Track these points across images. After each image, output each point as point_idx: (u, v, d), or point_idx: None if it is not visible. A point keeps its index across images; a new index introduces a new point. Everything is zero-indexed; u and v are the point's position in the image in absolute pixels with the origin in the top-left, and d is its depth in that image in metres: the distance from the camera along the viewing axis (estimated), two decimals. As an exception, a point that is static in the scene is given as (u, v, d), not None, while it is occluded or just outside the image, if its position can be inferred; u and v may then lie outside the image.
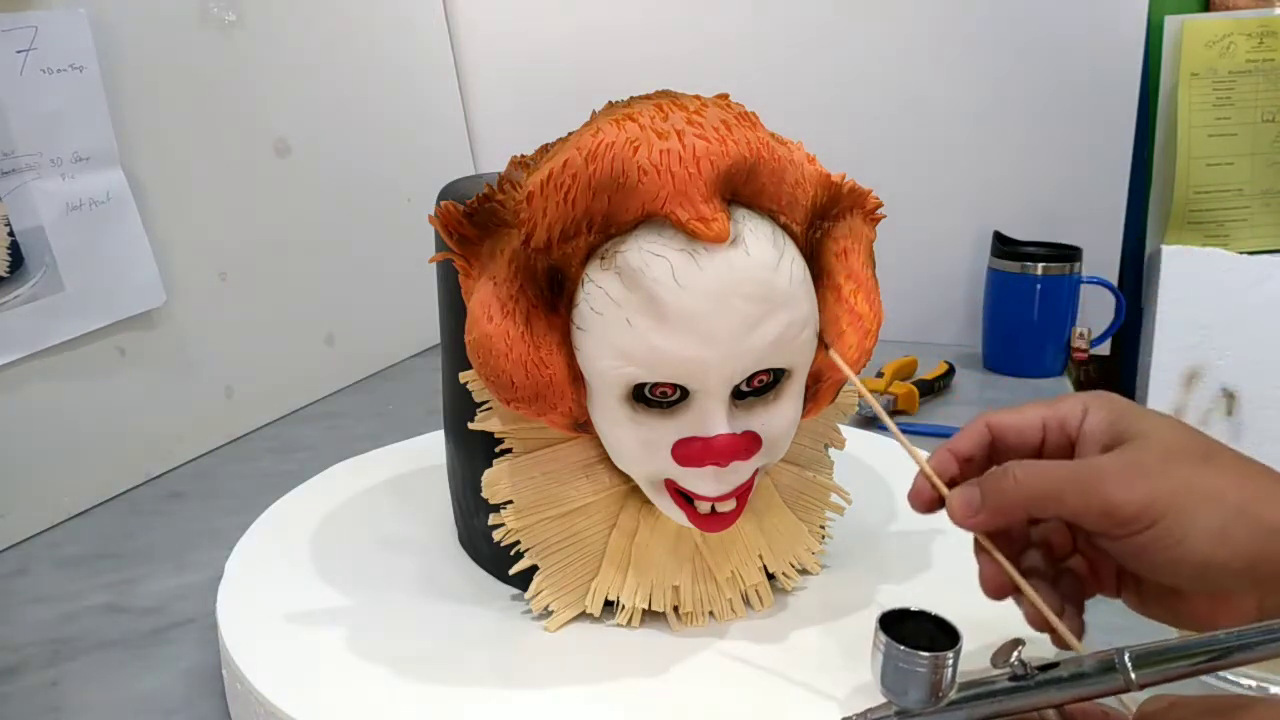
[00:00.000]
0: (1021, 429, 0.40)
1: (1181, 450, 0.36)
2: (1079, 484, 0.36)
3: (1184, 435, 0.37)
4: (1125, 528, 0.35)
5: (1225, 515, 0.34)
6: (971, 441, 0.41)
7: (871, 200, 0.47)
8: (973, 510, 0.39)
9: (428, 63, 1.10)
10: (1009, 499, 0.38)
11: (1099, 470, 0.36)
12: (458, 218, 0.44)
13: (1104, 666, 0.34)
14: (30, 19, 0.67)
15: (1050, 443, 0.40)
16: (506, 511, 0.48)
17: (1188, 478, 0.35)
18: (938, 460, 0.41)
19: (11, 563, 0.65)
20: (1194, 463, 0.36)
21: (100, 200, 0.72)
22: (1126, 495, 0.35)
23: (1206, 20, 0.99)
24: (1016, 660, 0.35)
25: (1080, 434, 0.39)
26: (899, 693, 0.36)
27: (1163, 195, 1.03)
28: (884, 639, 0.36)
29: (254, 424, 0.86)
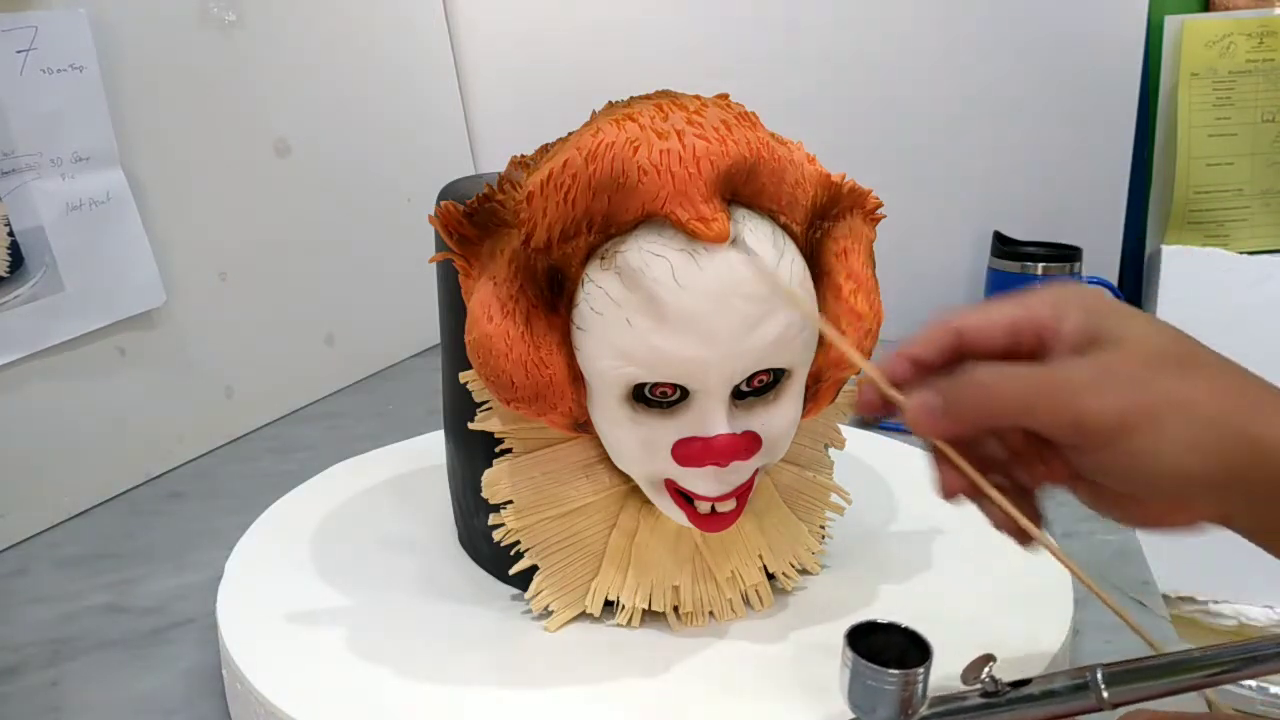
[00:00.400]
0: (990, 331, 0.37)
1: (1160, 356, 0.34)
2: (1049, 392, 0.34)
3: (1164, 339, 0.35)
4: (1096, 440, 0.33)
5: (1198, 427, 0.33)
6: (930, 345, 0.37)
7: (871, 200, 0.47)
8: (934, 417, 0.36)
9: (428, 63, 1.10)
10: (973, 406, 0.35)
11: (1071, 378, 0.34)
12: (458, 218, 0.44)
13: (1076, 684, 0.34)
14: (30, 19, 0.67)
15: (1022, 346, 0.36)
16: (506, 511, 0.48)
17: (1163, 387, 0.33)
18: (890, 364, 0.38)
19: (11, 563, 0.65)
20: (1171, 370, 0.34)
21: (100, 200, 0.72)
22: (1099, 406, 0.33)
23: (1206, 20, 0.99)
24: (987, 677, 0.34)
25: (1054, 336, 0.36)
26: (867, 710, 0.35)
27: (1163, 195, 1.03)
28: (851, 655, 0.35)
29: (254, 424, 0.86)
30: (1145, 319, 0.36)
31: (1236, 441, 0.32)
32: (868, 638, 0.36)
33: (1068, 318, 0.35)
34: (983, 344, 0.37)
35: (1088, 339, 0.35)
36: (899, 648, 0.35)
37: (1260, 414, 0.33)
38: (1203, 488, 0.33)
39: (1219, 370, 0.34)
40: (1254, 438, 0.32)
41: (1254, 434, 0.32)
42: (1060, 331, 0.35)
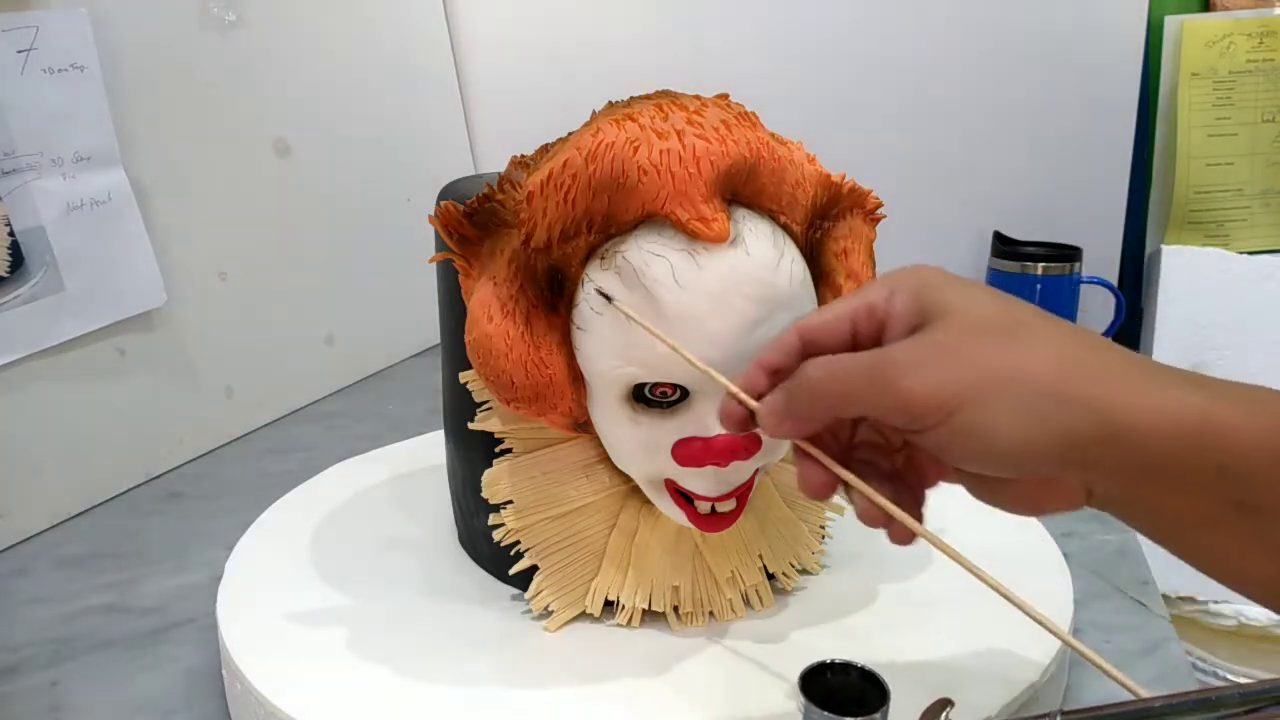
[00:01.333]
0: (830, 326, 0.36)
1: (984, 328, 0.33)
2: (870, 377, 0.33)
3: (990, 309, 0.33)
4: (922, 421, 0.32)
5: (1029, 398, 0.31)
6: (780, 351, 0.37)
7: (871, 200, 0.47)
8: (779, 418, 0.35)
9: (428, 63, 1.10)
10: (808, 402, 0.35)
11: (891, 360, 0.33)
12: (458, 218, 0.44)
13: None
14: (31, 19, 0.67)
15: (862, 335, 0.36)
16: (506, 511, 0.48)
17: (988, 359, 0.32)
18: (745, 378, 0.37)
19: (11, 563, 0.65)
20: (997, 341, 0.32)
21: (101, 200, 0.72)
22: (918, 386, 0.32)
23: (1206, 20, 0.99)
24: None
25: (887, 319, 0.35)
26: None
27: (1163, 195, 1.03)
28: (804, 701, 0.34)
29: (254, 424, 0.86)
30: (976, 290, 0.34)
31: (1078, 412, 0.31)
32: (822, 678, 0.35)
33: (897, 298, 0.35)
34: (826, 341, 0.36)
35: (918, 318, 0.34)
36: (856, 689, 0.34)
37: (1105, 382, 0.31)
38: (1052, 462, 0.31)
39: (1056, 338, 0.33)
40: (1099, 407, 0.31)
41: (1099, 403, 0.31)
42: (891, 313, 0.35)
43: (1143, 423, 0.30)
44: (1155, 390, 0.31)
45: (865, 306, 0.36)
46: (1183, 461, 0.30)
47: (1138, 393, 0.31)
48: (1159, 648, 0.53)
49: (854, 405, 0.34)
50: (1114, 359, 0.32)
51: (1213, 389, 0.31)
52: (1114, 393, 0.31)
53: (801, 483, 0.37)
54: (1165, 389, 0.31)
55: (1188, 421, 0.30)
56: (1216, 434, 0.30)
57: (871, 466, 0.37)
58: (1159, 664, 0.52)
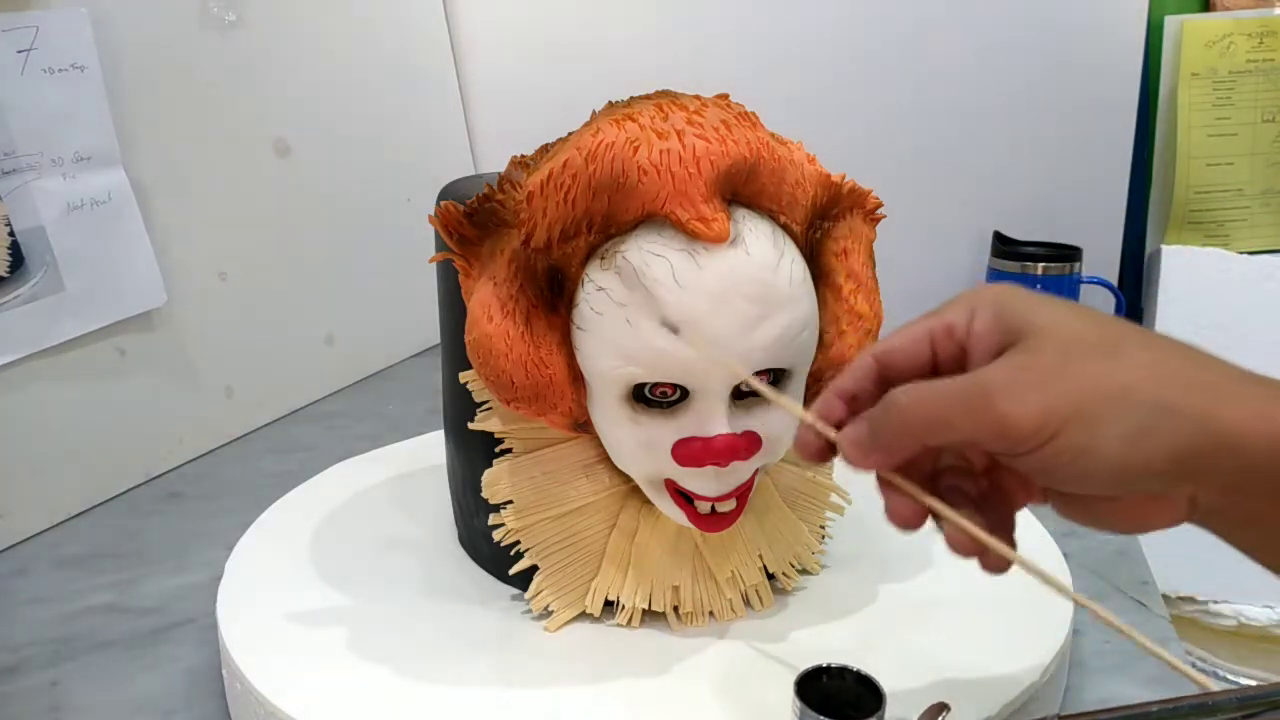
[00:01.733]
0: (908, 350, 0.35)
1: (1081, 345, 0.32)
2: (965, 403, 0.32)
3: (1084, 325, 0.33)
4: (1024, 445, 0.31)
5: (1138, 415, 0.30)
6: (856, 377, 0.36)
7: (871, 200, 0.47)
8: (864, 450, 0.34)
9: (428, 63, 1.10)
10: (897, 432, 0.33)
11: (985, 384, 0.32)
12: (458, 218, 0.44)
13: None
14: (31, 19, 0.67)
15: (943, 357, 0.35)
16: (506, 511, 0.48)
17: (1090, 377, 0.31)
18: (821, 405, 0.36)
19: (11, 563, 0.65)
20: (1097, 358, 0.31)
21: (101, 200, 0.72)
22: (1019, 409, 0.31)
23: (1206, 20, 0.99)
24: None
25: (969, 340, 0.34)
26: None
27: (1163, 195, 1.03)
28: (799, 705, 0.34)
29: (254, 424, 0.86)
30: (1061, 306, 0.33)
31: (1191, 426, 0.30)
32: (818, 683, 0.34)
33: (978, 318, 0.34)
34: (905, 365, 0.35)
35: (1004, 337, 0.33)
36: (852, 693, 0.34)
37: (1211, 394, 0.31)
38: (1162, 479, 0.31)
39: (1157, 351, 0.32)
40: (1210, 420, 0.30)
41: (1210, 416, 0.30)
42: (975, 335, 0.34)
43: (1252, 434, 0.30)
44: (1261, 401, 0.31)
45: (944, 327, 0.35)
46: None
47: (1244, 403, 0.31)
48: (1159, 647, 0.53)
49: (949, 432, 0.33)
50: (1217, 371, 0.32)
51: None
52: (1220, 404, 0.31)
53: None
54: (1272, 400, 0.31)
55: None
56: None
57: (957, 492, 0.36)
58: (1159, 664, 0.52)
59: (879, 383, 0.36)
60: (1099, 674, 0.51)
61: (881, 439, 0.34)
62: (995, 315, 0.33)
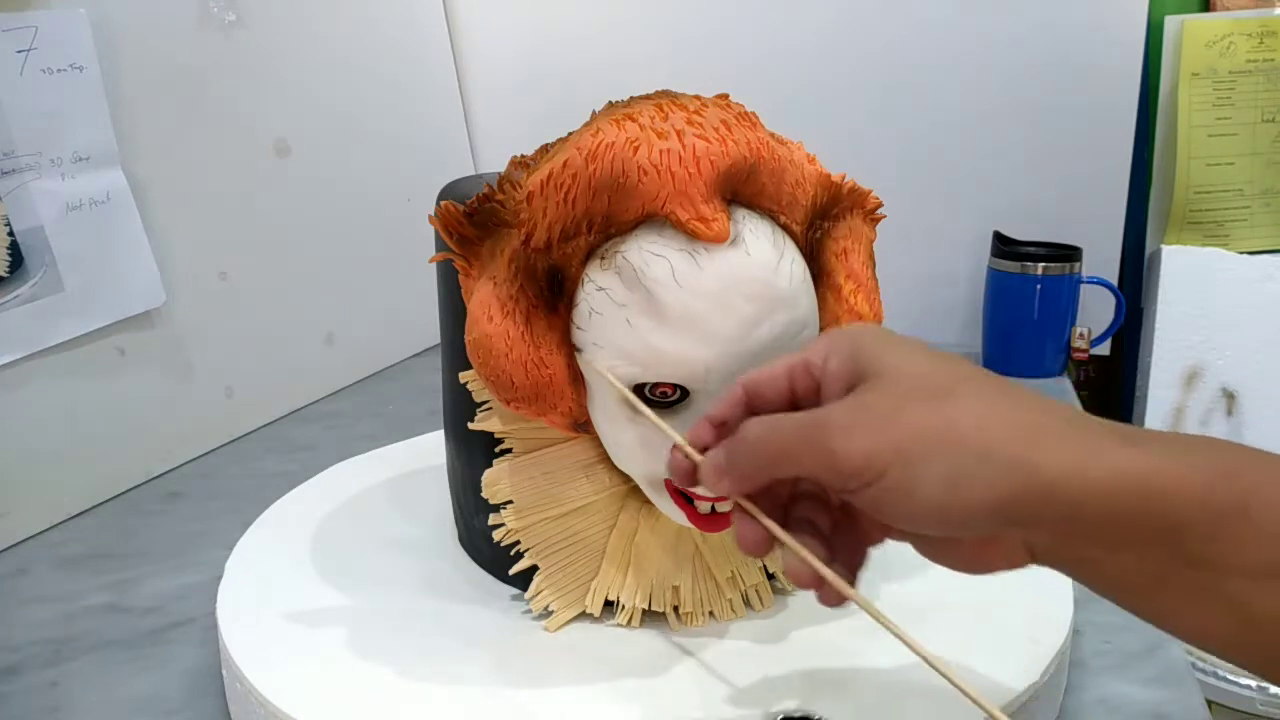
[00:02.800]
0: (770, 383, 0.36)
1: (918, 388, 0.33)
2: (805, 439, 0.33)
3: (925, 368, 0.33)
4: (852, 482, 0.32)
5: (957, 459, 0.31)
6: (726, 405, 0.37)
7: (871, 200, 0.47)
8: (719, 475, 0.36)
9: (428, 62, 1.10)
10: (748, 461, 0.35)
11: (824, 422, 0.33)
12: (458, 218, 0.44)
13: None
14: (30, 19, 0.67)
15: (800, 391, 0.36)
16: (506, 511, 0.48)
17: (917, 419, 0.32)
18: (694, 430, 0.38)
19: (11, 563, 0.65)
20: (927, 400, 0.32)
21: (100, 200, 0.72)
22: (848, 447, 0.32)
23: (1206, 20, 0.99)
24: None
25: (824, 378, 0.35)
26: None
27: (1163, 195, 1.03)
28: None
29: (254, 424, 0.86)
30: (912, 348, 0.34)
31: (1013, 473, 0.30)
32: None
33: (833, 357, 0.35)
34: (769, 397, 0.36)
35: (853, 378, 0.34)
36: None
37: (1035, 440, 0.31)
38: (983, 522, 0.31)
39: (987, 397, 0.32)
40: (1031, 467, 0.30)
41: (1031, 462, 0.30)
42: (828, 372, 0.35)
43: (1076, 481, 0.30)
44: (1090, 447, 0.31)
45: (803, 363, 0.36)
46: (1125, 519, 0.30)
47: (1072, 451, 0.31)
48: (1159, 648, 0.53)
49: (789, 465, 0.34)
50: (1046, 417, 0.32)
51: (1152, 444, 0.31)
52: (1045, 451, 0.31)
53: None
54: (1101, 447, 0.31)
55: (1128, 479, 0.30)
56: (1158, 490, 0.29)
57: (808, 523, 0.37)
58: (1159, 664, 0.52)
59: (747, 412, 0.37)
60: (1099, 674, 0.51)
61: (735, 467, 0.35)
62: (849, 355, 0.35)
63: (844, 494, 0.33)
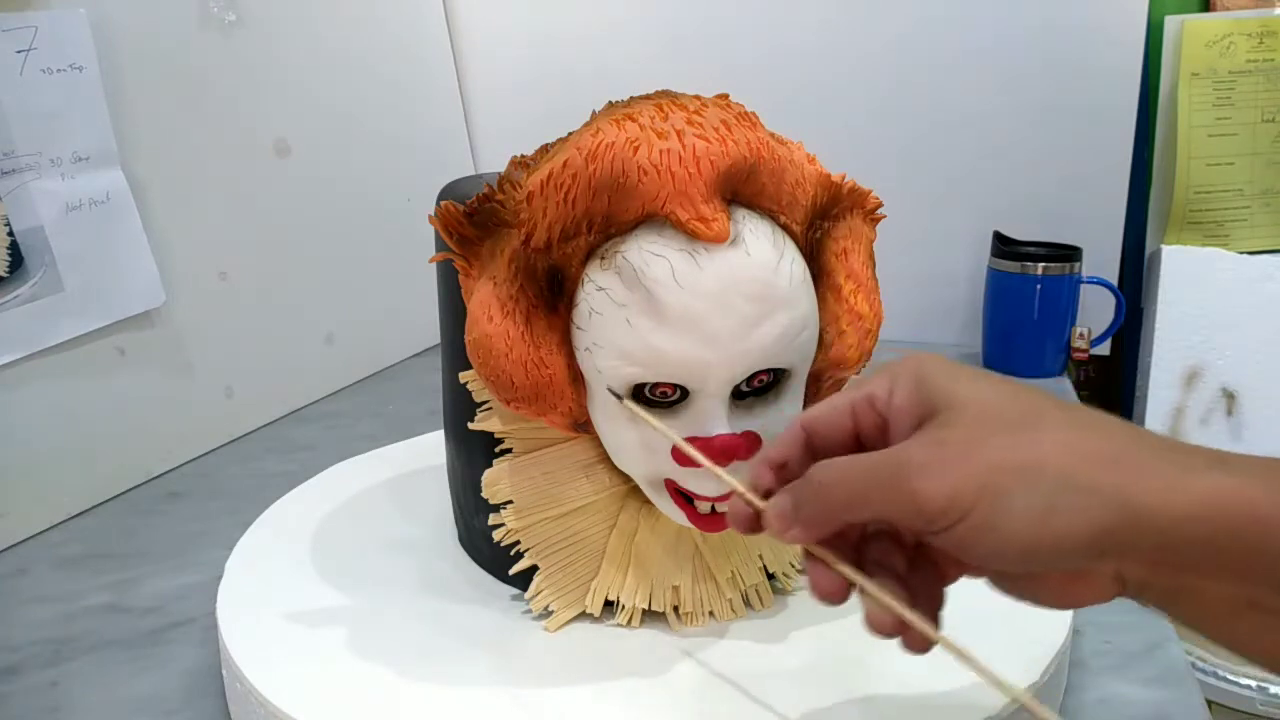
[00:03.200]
0: (832, 420, 0.35)
1: (995, 420, 0.31)
2: (880, 481, 0.32)
3: (1001, 399, 0.32)
4: (937, 523, 0.31)
5: (1047, 491, 0.30)
6: (785, 445, 0.36)
7: (871, 200, 0.47)
8: (787, 523, 0.34)
9: (428, 63, 1.10)
10: (817, 507, 0.33)
11: (901, 461, 0.31)
12: (458, 218, 0.44)
13: None
14: (30, 19, 0.67)
15: (865, 428, 0.35)
16: (506, 511, 0.48)
17: (1000, 453, 0.30)
18: (754, 473, 0.36)
19: (11, 563, 0.65)
20: (1009, 433, 0.31)
21: (100, 200, 0.72)
22: (930, 487, 0.30)
23: (1206, 20, 0.99)
24: None
25: (890, 413, 0.34)
26: None
27: (1163, 195, 1.03)
28: None
29: (254, 424, 0.86)
30: (982, 379, 0.33)
31: (1103, 502, 0.29)
32: None
33: (898, 390, 0.33)
34: (831, 435, 0.35)
35: (923, 411, 0.33)
36: None
37: (1124, 469, 0.30)
38: (1074, 555, 0.30)
39: (1069, 427, 0.31)
40: (1122, 496, 0.29)
41: (1122, 492, 0.29)
42: (895, 407, 0.33)
43: (1167, 508, 0.29)
44: (1178, 474, 0.30)
45: (866, 398, 0.34)
46: (1214, 546, 0.29)
47: (1160, 477, 0.30)
48: (1159, 648, 0.53)
49: (865, 509, 0.33)
50: (1134, 443, 0.31)
51: (1238, 468, 0.30)
52: (1134, 479, 0.30)
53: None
54: (1188, 471, 0.30)
55: (1216, 505, 0.29)
56: (1247, 515, 0.29)
57: (883, 565, 0.35)
58: (1159, 664, 0.52)
59: (807, 451, 0.36)
60: (1099, 674, 0.51)
61: (803, 513, 0.34)
62: (915, 388, 0.33)
63: (926, 535, 0.32)
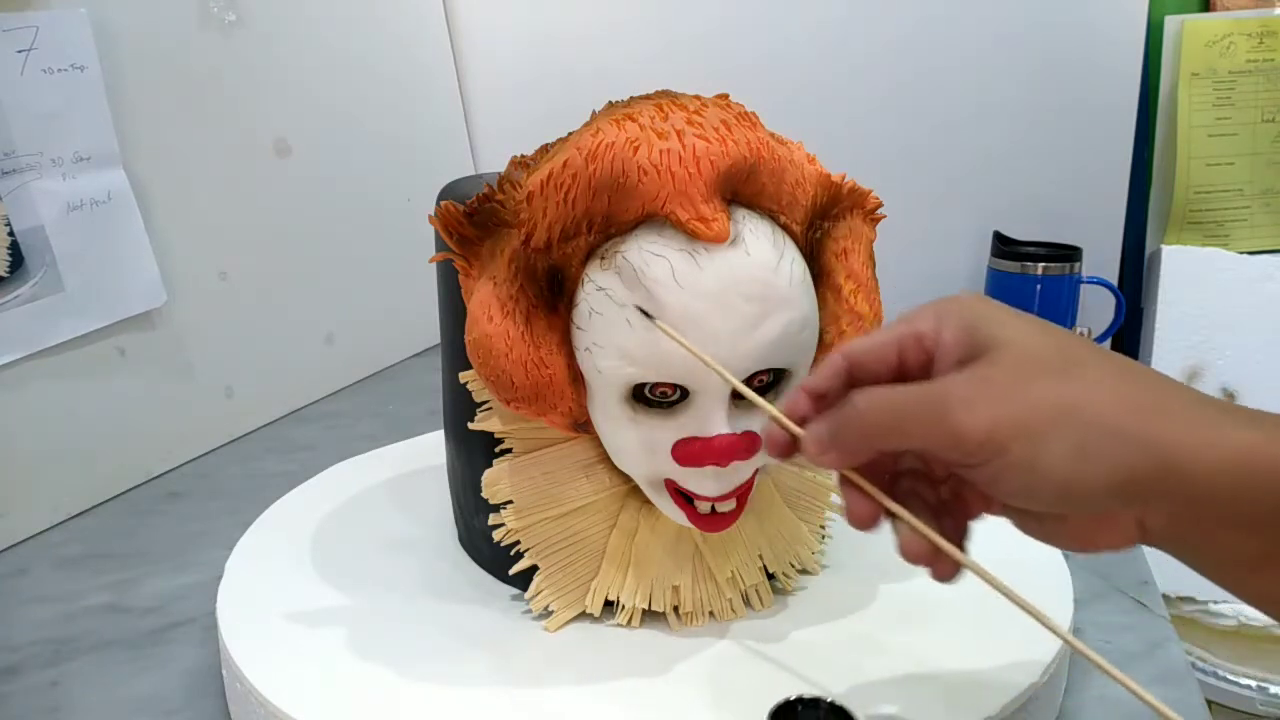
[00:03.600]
0: (877, 353, 0.35)
1: (1038, 362, 0.32)
2: (921, 411, 0.33)
3: (1046, 342, 0.33)
4: (974, 456, 0.32)
5: (1083, 434, 0.31)
6: (825, 376, 0.36)
7: (871, 200, 0.47)
8: (823, 448, 0.35)
9: (428, 62, 1.10)
10: (855, 433, 0.34)
11: (943, 394, 0.32)
12: (458, 218, 0.44)
13: None
14: (31, 19, 0.67)
15: (909, 364, 0.35)
16: (506, 511, 0.48)
17: (1041, 394, 0.31)
18: (789, 402, 0.37)
19: (11, 563, 0.65)
20: (1051, 376, 0.32)
21: (101, 200, 0.72)
22: (970, 420, 0.31)
23: (1206, 20, 0.99)
24: None
25: (937, 349, 0.34)
26: None
27: (1163, 195, 1.03)
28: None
29: (254, 424, 0.86)
30: (1028, 323, 0.34)
31: (1138, 449, 0.30)
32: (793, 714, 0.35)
33: (946, 328, 0.34)
34: (872, 368, 0.36)
35: (969, 350, 0.33)
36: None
37: (1161, 418, 0.31)
38: (1105, 498, 0.31)
39: (1112, 372, 0.32)
40: (1157, 444, 0.30)
41: (1157, 440, 0.30)
42: (942, 344, 0.34)
43: (1200, 459, 0.30)
44: (1212, 427, 0.31)
45: (913, 335, 0.35)
46: (1242, 498, 0.30)
47: (1195, 429, 0.31)
48: (1159, 648, 0.53)
49: (903, 438, 0.34)
50: (1171, 395, 0.32)
51: (1272, 426, 0.31)
52: (1171, 429, 0.31)
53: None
54: (1222, 426, 0.31)
55: (1246, 458, 0.30)
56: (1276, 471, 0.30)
57: (915, 498, 0.36)
58: (1159, 664, 0.52)
59: (847, 383, 0.36)
60: (1099, 674, 0.51)
61: (840, 439, 0.35)
62: (963, 327, 0.34)
63: (961, 468, 0.33)
